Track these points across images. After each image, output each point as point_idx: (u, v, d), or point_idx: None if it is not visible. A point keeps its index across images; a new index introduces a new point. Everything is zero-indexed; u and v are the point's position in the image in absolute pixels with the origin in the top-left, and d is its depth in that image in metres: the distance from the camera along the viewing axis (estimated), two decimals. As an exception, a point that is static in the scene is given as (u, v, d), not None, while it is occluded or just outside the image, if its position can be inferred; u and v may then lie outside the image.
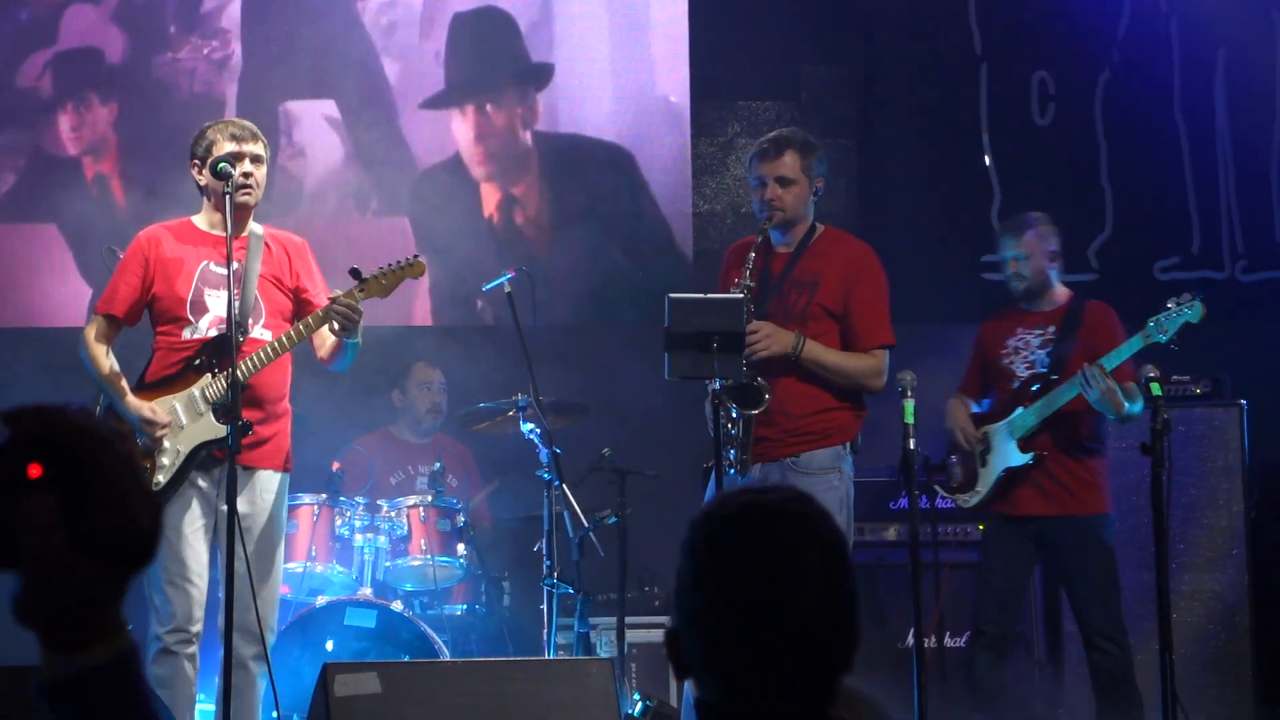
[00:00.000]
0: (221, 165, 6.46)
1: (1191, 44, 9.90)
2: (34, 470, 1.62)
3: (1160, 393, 6.86)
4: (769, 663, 2.22)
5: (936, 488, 8.16)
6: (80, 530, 1.62)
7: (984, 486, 7.57)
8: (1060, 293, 7.78)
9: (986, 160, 9.90)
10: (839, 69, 9.75)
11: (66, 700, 1.65)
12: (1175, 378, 8.25)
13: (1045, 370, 7.56)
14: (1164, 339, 7.24)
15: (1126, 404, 7.28)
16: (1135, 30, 9.92)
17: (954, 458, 7.75)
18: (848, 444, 6.97)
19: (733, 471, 6.74)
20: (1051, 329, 7.64)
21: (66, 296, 9.34)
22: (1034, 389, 7.53)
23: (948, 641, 8.23)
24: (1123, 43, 9.91)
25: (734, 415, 6.70)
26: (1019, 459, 7.49)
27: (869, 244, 7.24)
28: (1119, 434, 8.29)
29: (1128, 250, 9.80)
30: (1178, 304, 7.25)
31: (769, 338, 6.82)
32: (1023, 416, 7.51)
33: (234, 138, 6.62)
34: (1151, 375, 6.91)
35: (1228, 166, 9.86)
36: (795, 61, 9.83)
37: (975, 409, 7.76)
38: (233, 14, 9.61)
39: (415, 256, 6.75)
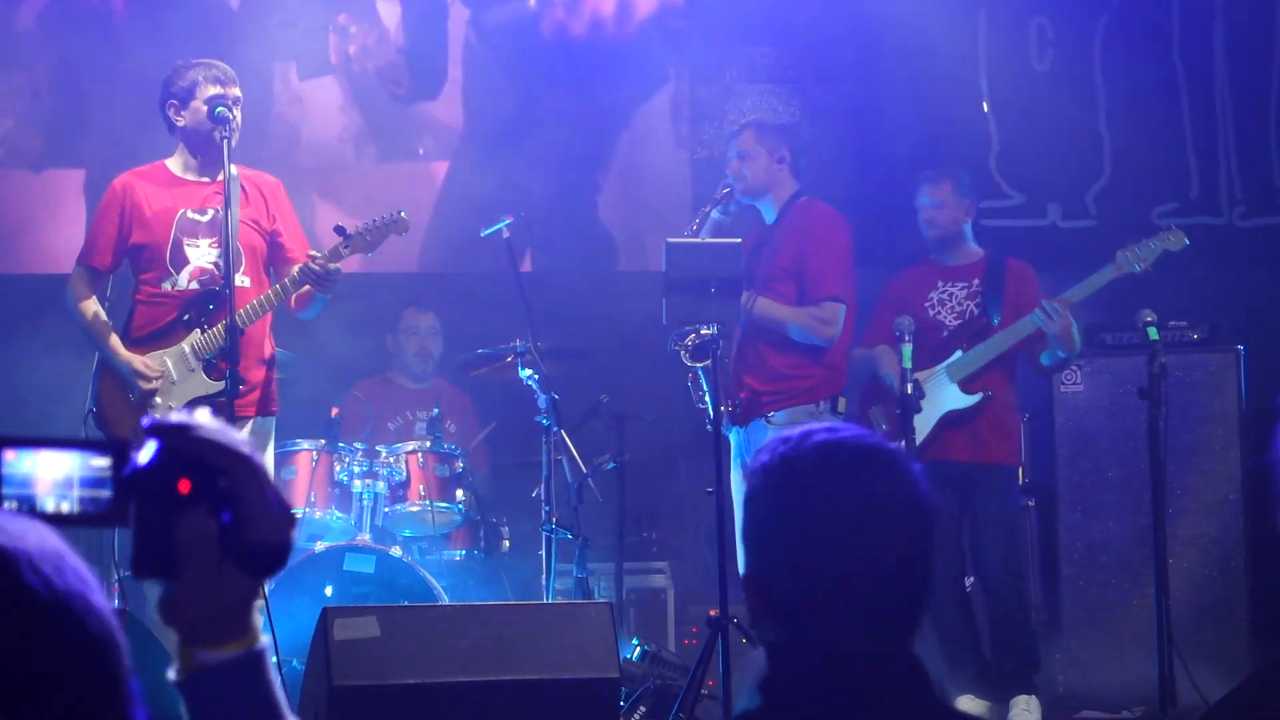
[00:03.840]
0: (220, 109, 6.53)
1: (1191, -12, 9.88)
2: (184, 486, 1.70)
3: (1158, 337, 6.88)
4: (859, 600, 2.23)
5: None
6: (229, 541, 1.71)
7: (919, 434, 7.52)
8: (974, 249, 7.90)
9: (984, 106, 9.87)
10: (836, 14, 9.70)
11: (203, 692, 1.73)
12: (1172, 323, 8.25)
13: (980, 316, 7.62)
14: (1137, 269, 7.35)
15: (1078, 340, 7.47)
16: (1134, -25, 9.89)
17: (875, 408, 7.75)
18: (822, 402, 7.37)
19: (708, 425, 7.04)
20: (976, 282, 7.74)
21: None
22: (972, 334, 7.60)
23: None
24: (1121, -13, 9.88)
25: (698, 371, 6.95)
26: (964, 401, 7.52)
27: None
28: (1115, 380, 8.31)
29: (1126, 196, 9.78)
30: (1153, 236, 7.43)
31: None
32: (965, 359, 7.56)
33: (218, 80, 6.68)
34: (1149, 320, 6.94)
35: (1226, 112, 9.83)
36: (792, 7, 9.79)
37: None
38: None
39: (400, 212, 6.83)
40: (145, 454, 1.70)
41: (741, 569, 2.36)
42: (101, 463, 1.71)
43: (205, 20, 9.31)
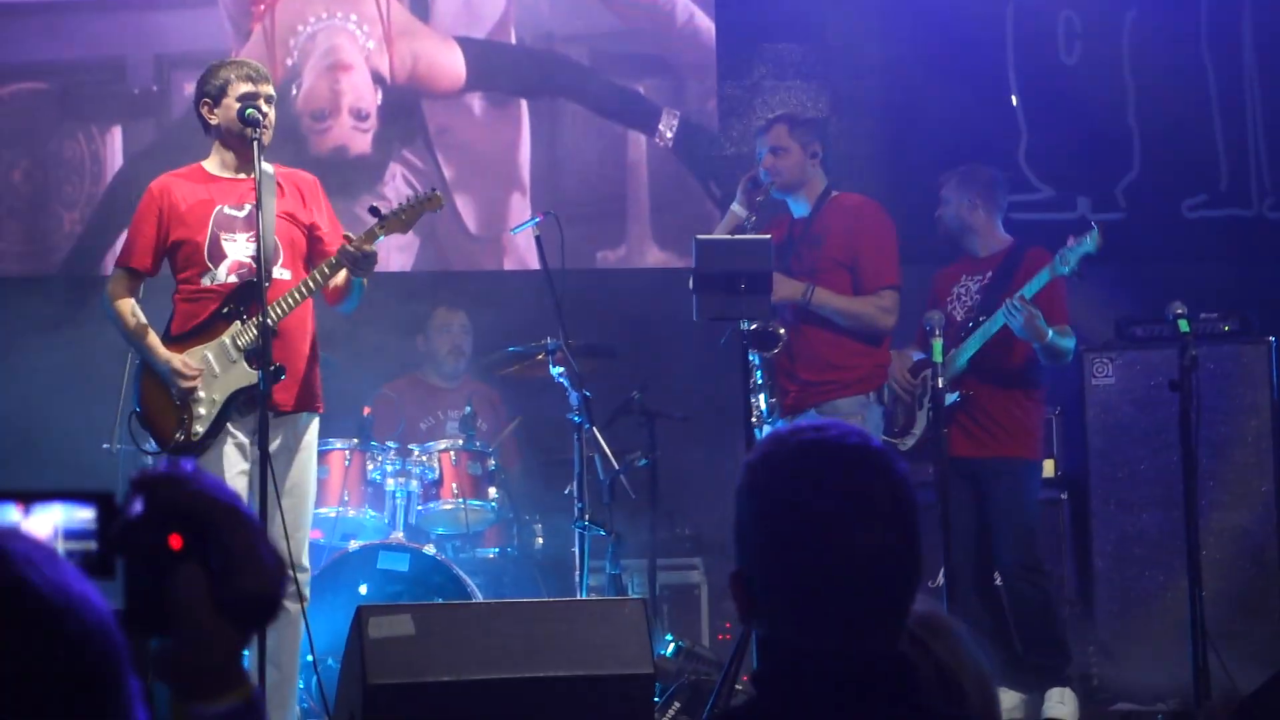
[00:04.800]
0: (250, 111, 6.52)
1: (1219, -20, 9.86)
2: (175, 541, 1.68)
3: (1188, 329, 6.88)
4: (839, 598, 2.21)
5: None
6: (222, 595, 1.69)
7: (919, 428, 7.57)
8: (1000, 239, 7.87)
9: (1013, 100, 9.86)
10: (864, 9, 9.71)
11: None
12: (1203, 315, 8.23)
13: (976, 314, 7.62)
14: (1066, 270, 7.35)
15: (1050, 331, 7.38)
16: (1163, -33, 9.87)
17: (891, 401, 7.77)
18: (871, 394, 7.52)
19: (766, 416, 7.05)
20: (989, 274, 7.72)
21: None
22: (963, 331, 7.60)
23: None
24: (1150, -20, 9.86)
25: (755, 361, 6.95)
26: (947, 399, 7.51)
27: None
28: (1146, 372, 8.30)
29: (1155, 189, 9.77)
30: (1077, 237, 7.35)
31: (776, 285, 7.01)
32: (953, 356, 7.54)
33: (250, 79, 6.66)
34: (1179, 312, 6.94)
35: (1255, 103, 9.81)
36: (819, 3, 9.79)
37: (922, 355, 7.75)
38: None
39: (433, 190, 6.81)
40: (136, 508, 1.68)
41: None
42: (86, 514, 1.69)
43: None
